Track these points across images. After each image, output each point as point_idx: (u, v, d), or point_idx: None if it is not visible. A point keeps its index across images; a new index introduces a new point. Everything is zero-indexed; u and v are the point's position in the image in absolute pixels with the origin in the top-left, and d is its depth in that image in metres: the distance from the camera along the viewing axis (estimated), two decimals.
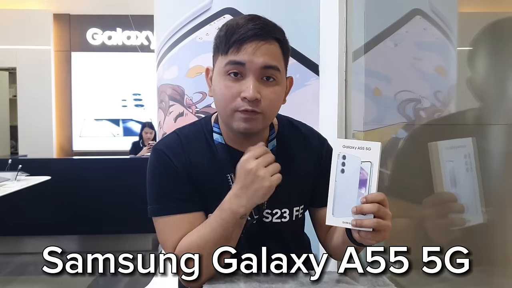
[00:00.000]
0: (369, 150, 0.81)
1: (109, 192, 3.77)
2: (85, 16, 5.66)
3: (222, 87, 0.90)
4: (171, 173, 0.94)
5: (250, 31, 0.87)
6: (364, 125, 1.52)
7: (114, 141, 5.73)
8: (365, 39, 1.55)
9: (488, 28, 1.15)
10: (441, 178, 1.05)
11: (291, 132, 1.05)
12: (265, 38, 0.88)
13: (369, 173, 0.80)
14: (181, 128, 1.02)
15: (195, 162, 0.96)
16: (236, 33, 0.88)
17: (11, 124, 5.70)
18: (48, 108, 5.50)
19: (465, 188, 1.07)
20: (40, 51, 5.45)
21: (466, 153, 1.08)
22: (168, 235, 0.93)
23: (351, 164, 0.82)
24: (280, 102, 0.95)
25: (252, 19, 0.90)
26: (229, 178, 0.95)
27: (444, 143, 1.06)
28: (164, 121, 2.33)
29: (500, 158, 1.17)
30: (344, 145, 0.82)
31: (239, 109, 0.88)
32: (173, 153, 0.95)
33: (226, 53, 0.89)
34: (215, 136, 0.98)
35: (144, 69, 5.55)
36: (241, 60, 0.87)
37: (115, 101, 5.75)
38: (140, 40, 5.72)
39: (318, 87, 1.75)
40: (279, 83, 0.91)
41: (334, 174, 0.83)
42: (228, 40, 0.88)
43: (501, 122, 1.15)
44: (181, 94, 2.20)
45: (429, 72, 1.64)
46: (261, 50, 0.87)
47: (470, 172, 1.07)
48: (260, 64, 0.87)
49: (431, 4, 1.66)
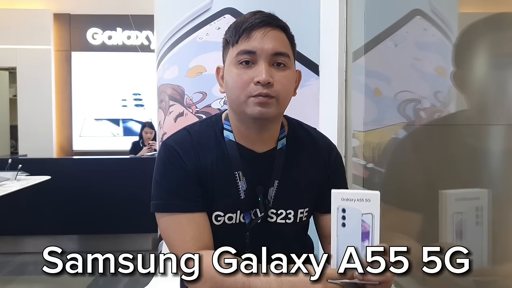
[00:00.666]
0: (368, 201, 0.79)
1: (109, 192, 3.77)
2: (85, 16, 5.66)
3: (234, 75, 0.91)
4: (180, 170, 0.94)
5: (257, 19, 0.91)
6: (364, 125, 1.52)
7: (114, 141, 5.73)
8: (365, 39, 1.55)
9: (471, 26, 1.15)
10: (446, 229, 1.01)
11: (301, 134, 1.05)
12: (272, 25, 0.91)
13: (371, 225, 0.79)
14: (192, 125, 1.02)
15: (204, 160, 0.95)
16: (244, 23, 0.91)
17: (11, 124, 5.70)
18: (48, 107, 5.49)
19: (472, 242, 1.03)
20: (40, 51, 5.45)
21: (479, 205, 1.02)
22: (175, 235, 0.93)
23: (351, 217, 0.79)
24: (292, 88, 0.96)
25: (258, 12, 0.94)
26: (237, 175, 0.95)
27: (455, 194, 1.01)
28: (164, 121, 2.33)
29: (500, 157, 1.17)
30: (342, 198, 0.80)
31: (253, 94, 0.89)
32: (183, 150, 0.95)
33: (236, 43, 0.91)
34: (226, 133, 0.98)
35: (144, 69, 5.55)
36: (252, 49, 0.89)
37: (115, 101, 5.75)
38: (140, 40, 5.71)
39: (318, 87, 1.75)
40: (289, 68, 0.93)
41: (335, 229, 0.80)
42: (237, 31, 0.91)
43: (502, 122, 1.15)
44: (181, 94, 2.20)
45: (429, 72, 1.63)
46: (270, 36, 0.90)
47: (480, 226, 1.02)
48: (271, 50, 0.89)
49: (431, 4, 1.66)
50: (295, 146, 1.02)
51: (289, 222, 1.00)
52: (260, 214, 0.97)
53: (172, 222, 0.93)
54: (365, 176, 1.55)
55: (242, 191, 0.96)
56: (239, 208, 0.96)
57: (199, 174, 0.94)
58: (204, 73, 2.18)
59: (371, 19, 1.52)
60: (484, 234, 1.02)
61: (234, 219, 0.97)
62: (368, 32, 1.55)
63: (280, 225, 0.99)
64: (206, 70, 2.18)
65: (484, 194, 1.02)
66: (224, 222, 0.97)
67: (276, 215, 0.99)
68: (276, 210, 0.98)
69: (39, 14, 5.43)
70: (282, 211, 0.99)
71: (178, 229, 0.92)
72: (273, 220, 0.99)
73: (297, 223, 1.01)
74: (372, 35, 1.58)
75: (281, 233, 1.00)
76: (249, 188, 0.96)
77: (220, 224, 0.96)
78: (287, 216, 0.99)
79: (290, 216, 1.00)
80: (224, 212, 0.96)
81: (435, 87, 1.63)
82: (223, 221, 0.97)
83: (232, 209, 0.96)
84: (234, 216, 0.97)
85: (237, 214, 0.97)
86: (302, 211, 1.01)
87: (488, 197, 1.01)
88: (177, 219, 0.92)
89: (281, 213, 0.99)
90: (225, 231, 0.97)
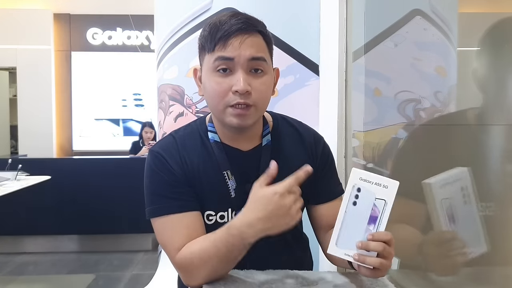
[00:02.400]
0: (386, 188, 0.78)
1: (109, 192, 3.77)
2: (85, 16, 5.66)
3: (213, 83, 0.91)
4: (167, 174, 0.95)
5: (234, 26, 0.89)
6: (364, 125, 1.52)
7: (114, 141, 5.73)
8: (365, 39, 1.54)
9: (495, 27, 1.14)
10: (438, 218, 1.02)
11: (286, 129, 1.05)
12: (248, 31, 0.90)
13: (381, 211, 0.78)
14: (176, 130, 1.04)
15: (190, 162, 0.97)
16: (220, 30, 0.89)
17: (11, 124, 5.70)
18: (48, 108, 5.50)
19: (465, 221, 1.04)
20: (40, 51, 5.45)
21: (463, 185, 1.04)
22: (167, 236, 0.94)
23: (364, 198, 0.79)
24: (270, 92, 0.96)
25: (234, 15, 0.92)
26: (226, 174, 0.97)
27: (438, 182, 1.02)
28: (164, 121, 2.33)
29: (501, 157, 1.17)
30: (361, 177, 0.79)
31: (231, 104, 0.90)
32: (168, 154, 0.97)
33: (213, 50, 0.90)
34: (210, 135, 1.00)
35: (144, 69, 5.56)
36: (229, 56, 0.89)
37: (115, 101, 5.75)
38: (140, 40, 5.72)
39: (318, 87, 1.75)
40: (267, 73, 0.93)
41: (345, 205, 0.80)
42: (213, 38, 0.90)
43: (501, 122, 1.15)
44: (181, 94, 2.20)
45: (429, 72, 1.63)
46: (247, 43, 0.89)
47: (468, 204, 1.04)
48: (248, 56, 0.89)
49: (431, 4, 1.66)
50: (280, 141, 1.02)
51: None
52: None
53: (165, 224, 0.94)
54: None
55: (232, 189, 0.97)
56: (230, 206, 0.97)
57: (187, 176, 0.96)
58: None
59: (371, 19, 1.52)
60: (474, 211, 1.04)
61: (226, 218, 0.97)
62: (368, 32, 1.55)
63: None
64: None
65: (465, 173, 1.03)
66: (217, 221, 0.97)
67: None
68: None
69: (39, 14, 5.43)
70: None
71: (170, 230, 0.93)
72: None
73: None
74: (372, 35, 1.58)
75: None
76: (238, 186, 0.97)
77: (212, 223, 0.97)
78: None
79: None
80: (215, 211, 0.97)
81: (435, 87, 1.63)
82: (215, 220, 0.97)
83: (223, 208, 0.97)
84: (226, 215, 0.97)
85: (229, 213, 0.97)
86: None
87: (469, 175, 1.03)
88: (169, 220, 0.93)
89: None
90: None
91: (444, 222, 1.02)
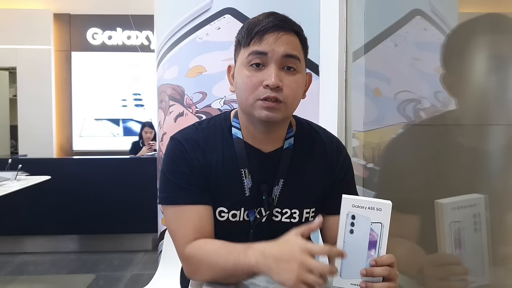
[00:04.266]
0: (379, 211, 0.77)
1: (109, 192, 3.77)
2: (85, 16, 5.66)
3: (244, 77, 0.92)
4: (186, 164, 0.95)
5: (270, 23, 0.91)
6: (364, 126, 1.52)
7: (114, 141, 5.73)
8: (365, 39, 1.54)
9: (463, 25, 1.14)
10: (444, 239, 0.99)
11: (309, 134, 1.05)
12: (285, 29, 0.91)
13: (380, 234, 0.77)
14: (201, 122, 1.04)
15: (210, 156, 0.97)
16: (257, 25, 0.91)
17: (11, 124, 5.70)
18: (48, 107, 5.50)
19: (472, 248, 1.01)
20: (40, 51, 5.45)
21: (476, 212, 1.00)
22: (177, 225, 0.95)
23: (360, 225, 0.78)
24: (301, 92, 0.97)
25: (272, 14, 0.94)
26: (243, 172, 0.97)
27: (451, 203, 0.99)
28: (164, 121, 2.33)
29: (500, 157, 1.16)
30: (353, 204, 0.78)
31: (261, 97, 0.90)
32: (190, 145, 0.97)
33: (248, 45, 0.91)
34: (234, 131, 1.00)
35: (144, 69, 5.56)
36: (263, 50, 0.90)
37: (115, 101, 5.75)
38: (140, 40, 5.72)
39: (318, 87, 1.75)
40: (299, 72, 0.94)
41: (343, 235, 0.79)
42: (250, 33, 0.92)
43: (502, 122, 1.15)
44: (181, 94, 2.20)
45: (429, 72, 1.63)
46: (282, 40, 0.90)
47: (478, 232, 1.01)
48: (282, 52, 0.90)
49: (431, 4, 1.66)
50: (302, 146, 1.02)
51: (294, 221, 1.00)
52: (265, 213, 0.97)
53: (176, 214, 0.94)
54: (365, 176, 1.55)
55: (247, 188, 0.97)
56: (243, 205, 0.97)
57: (204, 169, 0.96)
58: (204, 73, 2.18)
59: (371, 19, 1.52)
60: (483, 240, 1.01)
61: (238, 217, 0.97)
62: (368, 32, 1.55)
63: (285, 224, 0.99)
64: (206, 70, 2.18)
65: (480, 200, 1.00)
66: (228, 219, 0.97)
67: (281, 214, 0.99)
68: (281, 209, 0.99)
69: (39, 14, 5.43)
70: (287, 210, 0.99)
71: (181, 220, 0.94)
72: (278, 219, 0.99)
73: (302, 223, 1.01)
74: (372, 35, 1.58)
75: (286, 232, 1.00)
76: (254, 186, 0.97)
77: (224, 220, 0.97)
78: (292, 215, 1.00)
79: (295, 216, 1.00)
80: (228, 209, 0.97)
81: (435, 87, 1.63)
82: (227, 218, 0.97)
83: (237, 207, 0.97)
84: (238, 214, 0.97)
85: (241, 212, 0.97)
86: (308, 211, 1.01)
87: (484, 203, 1.00)
88: (181, 210, 0.94)
89: (286, 212, 0.99)
90: (229, 228, 0.97)
91: (450, 245, 1.00)
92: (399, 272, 0.80)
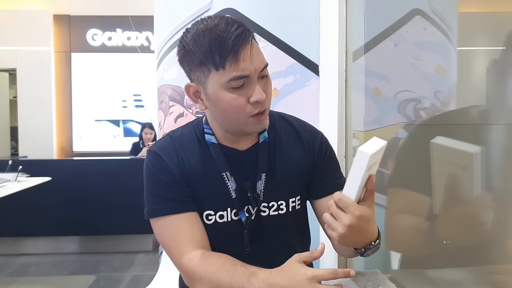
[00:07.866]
0: None
1: (110, 193, 3.77)
2: (85, 17, 5.67)
3: (230, 100, 0.88)
4: (165, 173, 0.95)
5: (236, 38, 0.84)
6: (364, 125, 1.52)
7: (114, 142, 5.73)
8: (365, 39, 1.55)
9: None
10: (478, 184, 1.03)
11: (282, 126, 1.06)
12: (247, 36, 0.87)
13: None
14: (174, 131, 1.04)
15: (188, 162, 0.97)
16: (222, 41, 0.84)
17: (12, 125, 5.70)
18: (49, 109, 5.50)
19: None
20: (40, 52, 5.46)
21: None
22: (167, 237, 0.94)
23: None
24: None
25: (225, 22, 0.87)
26: (225, 176, 0.97)
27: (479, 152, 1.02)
28: (165, 122, 2.33)
29: (501, 157, 1.17)
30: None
31: (253, 114, 0.90)
32: (166, 154, 0.97)
33: (223, 67, 0.85)
34: (207, 137, 1.00)
35: (144, 70, 5.56)
36: (246, 74, 0.86)
37: (115, 102, 5.75)
38: (140, 41, 5.72)
39: (318, 87, 1.75)
40: (268, 74, 0.94)
41: None
42: (219, 53, 0.85)
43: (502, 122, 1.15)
44: (181, 94, 2.20)
45: (429, 72, 1.64)
46: (253, 53, 0.87)
47: None
48: (259, 68, 0.89)
49: (431, 4, 1.66)
50: (277, 137, 1.03)
51: (282, 213, 1.00)
52: (253, 210, 0.97)
53: (165, 225, 0.94)
54: None
55: (233, 190, 0.97)
56: (229, 206, 0.97)
57: (185, 176, 0.96)
58: None
59: (371, 19, 1.52)
60: None
61: (226, 217, 0.97)
62: (368, 32, 1.55)
63: (274, 217, 0.99)
64: None
65: None
66: (216, 221, 0.97)
67: (268, 208, 0.99)
68: (267, 203, 0.99)
69: (39, 15, 5.44)
70: (273, 203, 1.00)
71: (171, 231, 0.93)
72: (266, 213, 0.99)
73: (291, 213, 1.01)
74: (372, 35, 1.58)
75: (278, 226, 1.01)
76: (239, 186, 0.97)
77: (211, 223, 0.97)
78: (279, 207, 1.00)
79: (282, 207, 1.00)
80: (214, 211, 0.97)
81: (435, 86, 1.63)
82: (214, 220, 0.97)
83: (223, 207, 0.97)
84: (225, 214, 0.97)
85: (228, 212, 0.97)
86: (294, 199, 1.01)
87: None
88: (169, 221, 0.93)
89: (273, 205, 1.00)
90: (221, 231, 0.97)
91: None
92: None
